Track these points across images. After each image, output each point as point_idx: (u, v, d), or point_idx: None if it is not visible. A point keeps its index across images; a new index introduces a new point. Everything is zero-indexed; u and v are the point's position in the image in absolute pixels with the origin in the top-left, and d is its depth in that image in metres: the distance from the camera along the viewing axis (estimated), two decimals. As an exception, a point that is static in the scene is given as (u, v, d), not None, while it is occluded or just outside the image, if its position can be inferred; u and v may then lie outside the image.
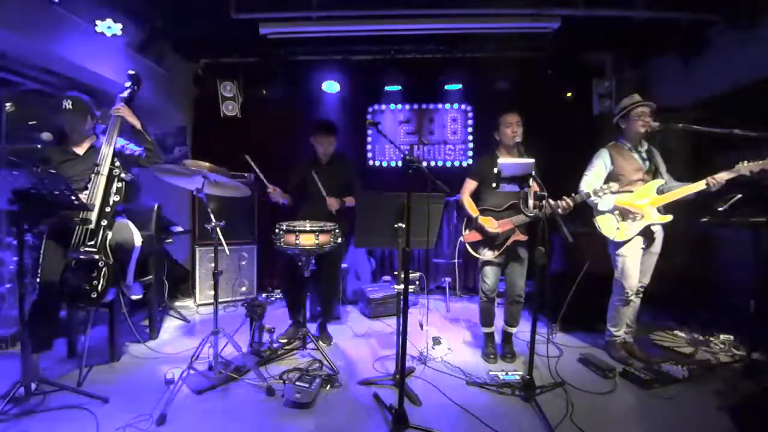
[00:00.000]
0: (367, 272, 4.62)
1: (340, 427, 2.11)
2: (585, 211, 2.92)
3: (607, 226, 2.83)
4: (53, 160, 2.59)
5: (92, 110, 2.69)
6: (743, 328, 2.98)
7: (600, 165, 2.85)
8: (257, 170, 3.07)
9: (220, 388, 2.42)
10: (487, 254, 2.84)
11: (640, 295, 2.92)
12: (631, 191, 2.79)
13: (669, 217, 2.74)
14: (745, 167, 2.47)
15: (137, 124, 2.71)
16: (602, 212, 2.84)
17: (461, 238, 2.94)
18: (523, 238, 2.81)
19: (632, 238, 2.75)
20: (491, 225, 2.79)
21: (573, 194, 2.65)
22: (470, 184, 2.98)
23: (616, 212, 2.80)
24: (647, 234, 2.78)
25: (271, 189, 3.18)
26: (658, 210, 2.75)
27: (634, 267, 2.77)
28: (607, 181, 2.83)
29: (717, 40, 3.40)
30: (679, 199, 2.67)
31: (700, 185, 2.59)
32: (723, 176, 2.52)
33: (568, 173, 2.96)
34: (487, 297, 2.92)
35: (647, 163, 2.83)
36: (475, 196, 2.99)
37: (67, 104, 2.56)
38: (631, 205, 2.73)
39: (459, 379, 2.61)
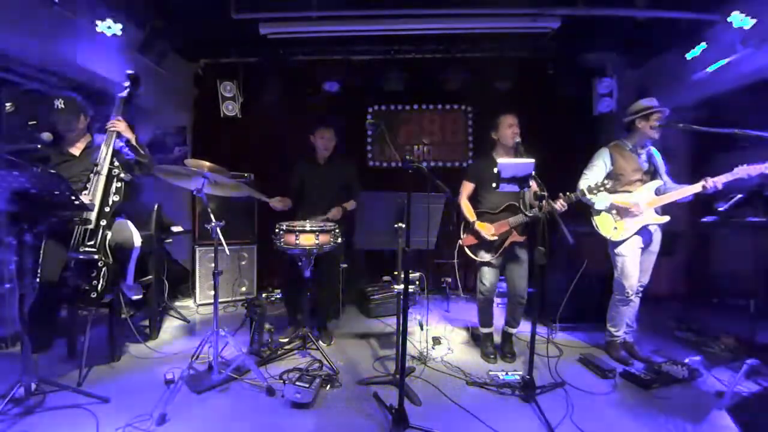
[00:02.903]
0: (367, 272, 4.62)
1: (339, 427, 2.11)
2: (586, 211, 2.92)
3: (604, 225, 2.83)
4: (51, 161, 2.59)
5: (85, 110, 2.68)
6: (743, 328, 2.98)
7: (600, 164, 2.85)
8: (258, 195, 3.10)
9: (220, 388, 2.42)
10: (485, 256, 2.84)
11: (640, 295, 2.91)
12: (630, 191, 2.79)
13: (666, 218, 2.75)
14: (743, 170, 2.47)
15: (132, 139, 2.70)
16: (600, 211, 2.84)
17: (459, 242, 2.95)
18: (520, 239, 2.81)
19: (630, 238, 2.75)
20: (487, 231, 2.80)
21: (568, 193, 2.65)
22: (467, 187, 2.99)
23: (614, 211, 2.80)
24: (644, 233, 2.78)
25: (272, 204, 3.20)
26: (656, 211, 2.76)
27: (634, 266, 2.77)
28: (605, 180, 2.82)
29: (717, 39, 3.40)
30: (676, 201, 2.67)
31: (696, 187, 2.59)
32: (720, 179, 2.52)
33: (567, 173, 2.96)
34: (485, 297, 2.92)
35: (647, 164, 2.84)
36: (473, 197, 3.00)
37: (59, 104, 2.55)
38: (626, 203, 2.73)
39: (459, 379, 2.61)
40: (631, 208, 2.71)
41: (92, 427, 2.01)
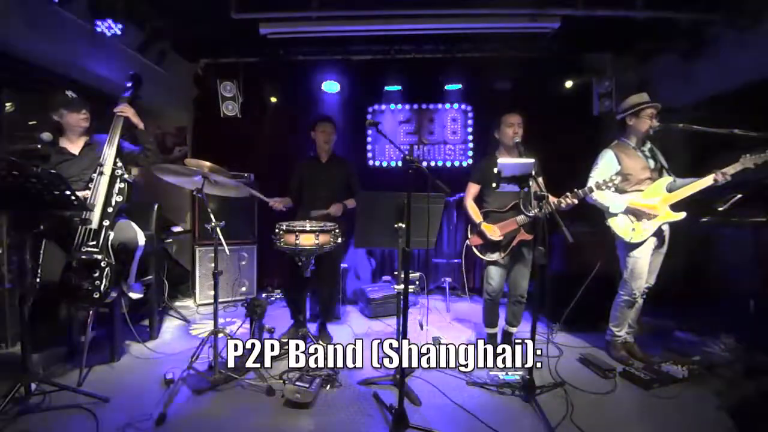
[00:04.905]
0: (367, 272, 4.62)
1: (339, 427, 2.11)
2: (589, 212, 2.91)
3: (621, 227, 2.78)
4: (51, 159, 2.59)
5: (87, 107, 2.69)
6: (743, 328, 2.98)
7: (606, 165, 2.81)
8: (258, 194, 3.10)
9: (220, 388, 2.42)
10: (493, 256, 2.84)
11: (644, 296, 2.90)
12: (641, 190, 2.77)
13: (682, 215, 2.69)
14: (749, 160, 2.47)
15: (141, 125, 2.72)
16: (614, 214, 2.79)
17: (467, 242, 2.94)
18: (528, 237, 2.80)
19: (647, 239, 2.72)
20: (492, 233, 2.79)
21: (575, 189, 2.63)
22: (472, 188, 2.98)
23: (629, 214, 2.76)
24: (658, 234, 2.76)
25: (272, 203, 3.20)
26: (671, 207, 2.73)
27: (645, 268, 2.75)
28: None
29: (717, 40, 3.40)
30: (688, 196, 2.64)
31: (708, 181, 2.57)
32: (730, 170, 2.51)
33: (568, 173, 2.96)
34: (492, 297, 2.92)
35: (652, 161, 2.81)
36: (479, 197, 2.99)
37: (72, 93, 2.58)
38: (644, 206, 2.70)
39: (459, 379, 2.61)
40: (648, 211, 2.68)
41: (92, 427, 2.01)
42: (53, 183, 1.98)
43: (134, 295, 2.73)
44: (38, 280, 2.41)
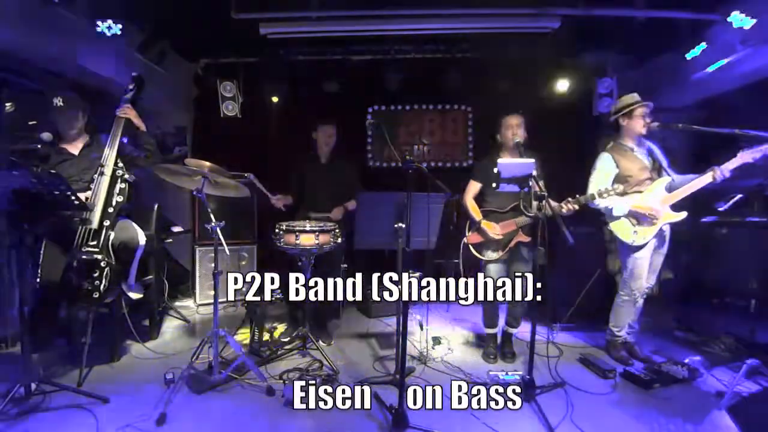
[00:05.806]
0: (367, 272, 4.62)
1: (339, 426, 2.11)
2: (590, 213, 2.91)
3: (623, 230, 2.76)
4: (51, 160, 2.60)
5: (84, 107, 2.70)
6: (743, 328, 2.98)
7: (605, 168, 2.80)
8: (261, 186, 3.09)
9: (220, 388, 2.42)
10: (491, 255, 2.83)
11: (644, 296, 2.89)
12: (641, 191, 2.76)
13: (683, 215, 2.68)
14: (747, 154, 2.47)
15: (143, 126, 2.73)
16: (616, 218, 2.77)
17: (464, 240, 2.93)
18: (526, 239, 2.80)
19: (649, 241, 2.72)
20: (493, 230, 2.78)
21: (577, 196, 2.62)
22: (473, 186, 2.97)
23: (631, 217, 2.74)
24: (659, 234, 2.75)
25: (275, 200, 3.20)
26: (671, 207, 2.72)
27: (645, 268, 2.75)
28: (614, 184, 2.79)
29: (717, 39, 3.40)
30: (689, 195, 2.63)
31: (707, 178, 2.56)
32: (728, 166, 2.50)
33: (568, 173, 2.95)
34: (491, 297, 2.91)
35: (650, 160, 2.81)
36: (479, 197, 2.98)
37: (59, 102, 2.56)
38: (647, 209, 2.68)
39: (459, 380, 2.61)
40: (650, 213, 2.66)
41: (92, 427, 2.01)
42: (53, 183, 1.98)
43: (134, 295, 2.73)
44: (38, 280, 2.41)
